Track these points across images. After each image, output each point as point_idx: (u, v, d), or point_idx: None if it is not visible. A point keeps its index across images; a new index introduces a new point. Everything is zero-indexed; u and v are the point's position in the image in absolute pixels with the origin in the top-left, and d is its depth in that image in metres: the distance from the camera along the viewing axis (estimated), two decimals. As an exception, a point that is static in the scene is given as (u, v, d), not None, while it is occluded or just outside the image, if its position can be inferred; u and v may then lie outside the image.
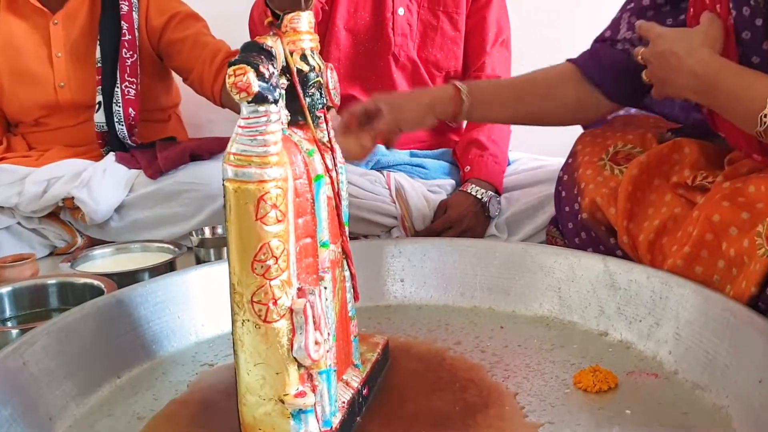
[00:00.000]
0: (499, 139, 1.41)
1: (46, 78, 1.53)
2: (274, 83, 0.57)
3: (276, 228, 0.59)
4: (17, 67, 1.54)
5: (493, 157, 1.38)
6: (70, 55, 1.54)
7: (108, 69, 1.51)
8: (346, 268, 0.72)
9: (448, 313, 0.98)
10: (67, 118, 1.56)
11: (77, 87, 1.54)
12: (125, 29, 1.52)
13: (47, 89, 1.53)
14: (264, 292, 0.59)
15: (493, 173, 1.36)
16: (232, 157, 0.58)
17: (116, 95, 1.51)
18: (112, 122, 1.51)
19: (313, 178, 0.64)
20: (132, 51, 1.53)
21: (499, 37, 1.46)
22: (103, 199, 1.34)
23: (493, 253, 1.02)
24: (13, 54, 1.54)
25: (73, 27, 1.55)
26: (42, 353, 0.76)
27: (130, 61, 1.52)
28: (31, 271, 1.21)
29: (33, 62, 1.53)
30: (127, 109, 1.52)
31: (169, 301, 0.91)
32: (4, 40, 1.53)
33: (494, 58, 1.46)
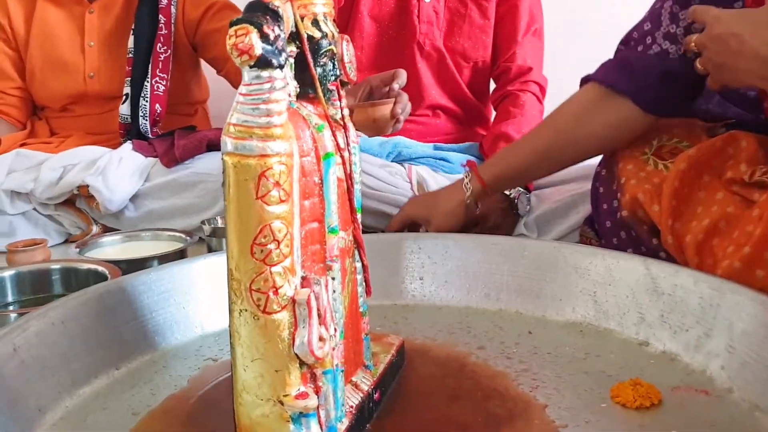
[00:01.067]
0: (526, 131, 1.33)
1: (76, 67, 1.53)
2: (280, 46, 0.51)
3: (278, 209, 0.53)
4: (50, 54, 1.54)
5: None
6: (102, 45, 1.53)
7: (140, 62, 1.50)
8: (357, 259, 0.66)
9: (471, 316, 0.91)
10: (93, 106, 1.56)
11: (106, 78, 1.53)
12: (162, 23, 1.50)
13: (77, 79, 1.53)
14: (264, 279, 0.53)
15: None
16: (232, 128, 0.52)
17: (145, 89, 1.49)
18: (137, 116, 1.50)
19: (321, 157, 0.58)
20: (166, 46, 1.51)
21: (531, 26, 1.40)
22: (117, 187, 1.31)
23: (521, 251, 0.95)
24: (47, 41, 1.54)
25: (108, 17, 1.54)
26: (35, 339, 0.71)
27: (164, 56, 1.51)
28: (43, 256, 1.17)
29: (65, 50, 1.54)
30: (154, 104, 1.50)
31: (175, 290, 0.86)
32: (40, 27, 1.54)
33: (525, 48, 1.40)
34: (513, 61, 1.40)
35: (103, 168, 1.35)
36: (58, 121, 1.59)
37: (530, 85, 1.40)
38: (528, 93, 1.39)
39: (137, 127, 1.50)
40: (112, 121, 1.53)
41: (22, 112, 1.58)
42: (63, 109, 1.57)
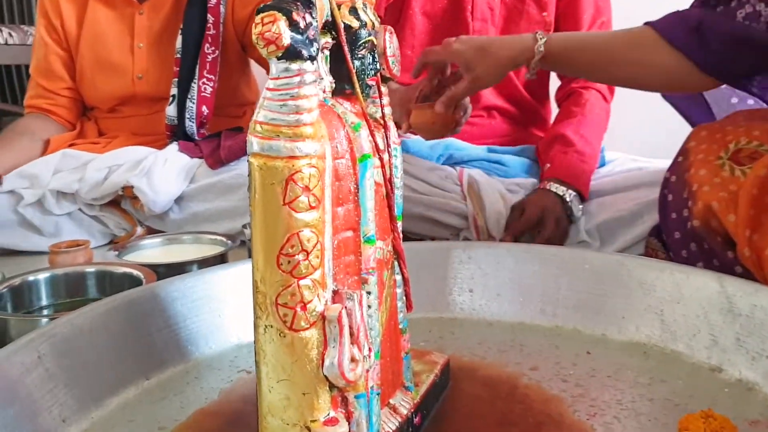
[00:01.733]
0: (589, 134, 1.25)
1: (125, 68, 1.52)
2: (311, 36, 0.46)
3: (308, 216, 0.48)
4: (99, 55, 1.54)
5: (578, 155, 1.22)
6: (151, 46, 1.52)
7: (187, 63, 1.48)
8: (397, 271, 0.60)
9: (524, 332, 0.85)
10: (141, 107, 1.55)
11: (155, 79, 1.52)
12: (210, 23, 1.48)
13: (125, 80, 1.52)
14: (291, 293, 0.49)
15: (576, 173, 1.20)
16: (258, 126, 0.48)
17: (192, 91, 1.47)
18: (183, 117, 1.48)
19: (358, 159, 0.52)
20: (214, 46, 1.49)
21: (597, 19, 1.30)
22: (162, 189, 1.29)
23: (581, 264, 0.88)
24: (97, 42, 1.53)
25: (157, 18, 1.53)
26: (62, 347, 0.68)
27: (211, 57, 1.48)
28: (84, 258, 1.16)
29: (115, 52, 1.53)
30: (201, 106, 1.48)
31: (212, 297, 0.82)
32: (91, 27, 1.54)
33: None
34: None
35: (148, 169, 1.33)
36: (106, 122, 1.59)
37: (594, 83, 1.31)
38: (592, 90, 1.30)
39: (183, 129, 1.48)
40: (159, 122, 1.52)
41: (71, 112, 1.58)
42: (111, 110, 1.57)
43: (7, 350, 0.63)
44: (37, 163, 1.37)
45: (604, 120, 1.29)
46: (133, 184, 1.29)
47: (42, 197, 1.31)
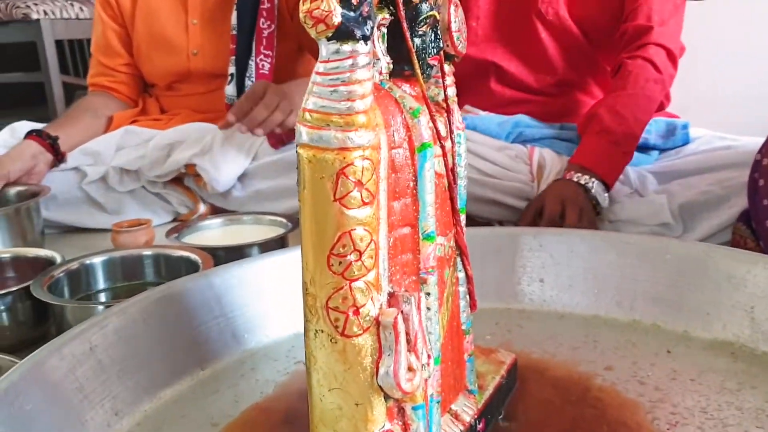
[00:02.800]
0: (627, 112, 1.10)
1: (180, 45, 1.50)
2: (365, 13, 0.41)
3: (361, 213, 0.44)
4: (154, 31, 1.52)
5: (610, 136, 1.08)
6: (205, 22, 1.49)
7: (243, 39, 1.44)
8: (460, 268, 0.55)
9: (599, 327, 0.79)
10: (198, 84, 1.53)
11: (210, 56, 1.49)
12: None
13: (180, 56, 1.50)
14: (342, 296, 0.45)
15: (603, 158, 1.08)
16: (307, 114, 0.43)
17: (249, 69, 1.43)
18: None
19: (416, 148, 0.48)
20: (270, 21, 1.44)
21: None
22: (224, 167, 1.27)
23: (662, 254, 0.81)
24: (150, 18, 1.52)
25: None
26: (114, 337, 0.67)
27: (267, 32, 1.44)
28: (146, 237, 1.16)
29: (169, 28, 1.51)
30: None
31: (268, 283, 0.79)
32: (145, 3, 1.52)
33: (652, 2, 1.15)
34: (633, 20, 1.15)
35: (210, 147, 1.32)
36: (165, 100, 1.59)
37: (647, 49, 1.14)
38: (639, 60, 1.14)
39: None
40: (218, 100, 1.50)
41: (131, 89, 1.58)
42: (169, 87, 1.56)
43: (59, 342, 0.62)
44: (99, 140, 1.37)
45: (653, 92, 1.13)
46: (196, 163, 1.28)
47: (105, 174, 1.32)
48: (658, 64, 1.14)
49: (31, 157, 1.26)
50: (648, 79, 1.14)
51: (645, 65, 1.14)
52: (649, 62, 1.14)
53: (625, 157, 1.10)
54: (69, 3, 2.58)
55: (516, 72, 1.25)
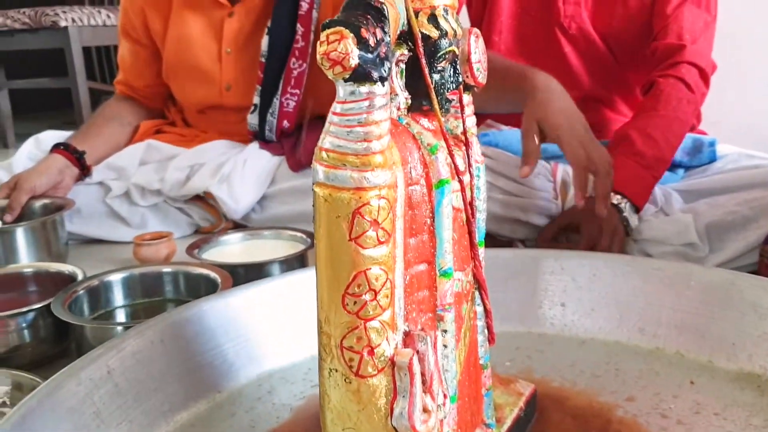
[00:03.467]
0: (657, 134, 1.08)
1: (213, 77, 1.45)
2: (383, 54, 0.41)
3: (376, 252, 0.43)
4: (186, 60, 1.47)
5: (640, 158, 1.07)
6: (239, 51, 1.43)
7: (272, 75, 1.39)
8: (478, 302, 0.55)
9: (620, 354, 0.77)
10: (229, 115, 1.49)
11: (243, 91, 1.44)
12: (300, 34, 1.37)
13: (213, 90, 1.46)
14: (357, 336, 0.44)
15: (633, 180, 1.06)
16: (324, 153, 0.43)
17: (273, 106, 1.40)
18: (264, 129, 1.42)
19: (434, 185, 0.47)
20: (302, 60, 1.39)
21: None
22: (242, 197, 1.28)
23: (686, 280, 0.79)
24: (183, 45, 1.46)
25: (248, 20, 1.43)
26: (131, 361, 0.67)
27: (297, 71, 1.39)
28: (168, 250, 1.16)
29: (203, 57, 1.45)
30: (282, 121, 1.41)
31: (288, 303, 0.79)
32: (176, 31, 1.46)
33: (681, 20, 1.13)
34: (664, 38, 1.13)
35: (228, 175, 1.31)
36: (194, 119, 1.57)
37: (680, 68, 1.13)
38: (671, 78, 1.12)
39: (264, 137, 1.44)
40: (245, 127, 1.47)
41: (156, 101, 1.57)
42: (200, 112, 1.54)
43: (77, 366, 0.62)
44: (123, 155, 1.38)
45: (686, 114, 1.11)
46: (213, 193, 1.28)
47: (128, 189, 1.33)
48: (691, 83, 1.13)
49: (58, 172, 1.27)
50: (681, 100, 1.12)
51: (677, 84, 1.12)
52: (682, 81, 1.12)
53: (654, 181, 1.08)
54: (96, 10, 2.62)
55: (539, 87, 1.23)
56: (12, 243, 1.11)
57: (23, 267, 0.94)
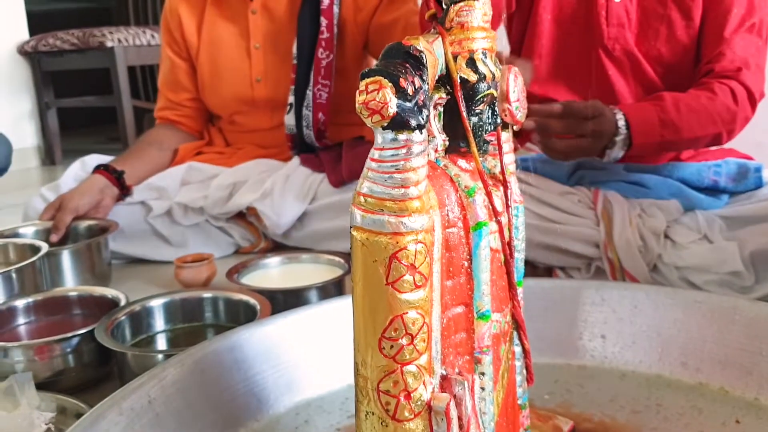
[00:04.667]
0: (686, 112, 1.10)
1: (243, 71, 1.51)
2: (421, 101, 0.41)
3: (413, 296, 0.43)
4: (217, 59, 1.53)
5: (659, 111, 1.09)
6: (267, 47, 1.49)
7: (302, 68, 1.44)
8: (516, 342, 0.54)
9: (662, 389, 0.76)
10: (261, 117, 1.54)
11: (273, 83, 1.49)
12: (324, 26, 1.43)
13: (244, 83, 1.51)
14: (394, 380, 0.44)
15: (643, 119, 1.08)
16: (362, 198, 0.43)
17: (307, 98, 1.44)
18: (301, 126, 1.45)
19: (471, 227, 0.47)
20: (329, 51, 1.44)
21: (746, 20, 1.11)
22: (284, 211, 1.30)
23: (731, 314, 0.77)
24: (213, 47, 1.53)
25: (271, 17, 1.49)
26: (172, 389, 0.68)
27: (326, 61, 1.44)
28: (208, 273, 1.18)
29: (232, 54, 1.51)
30: (317, 113, 1.45)
31: (327, 331, 0.79)
32: (208, 34, 1.53)
33: (737, 46, 1.12)
34: (718, 62, 1.13)
35: (270, 191, 1.33)
36: (230, 135, 1.60)
37: (732, 82, 1.12)
38: (724, 86, 1.12)
39: (303, 138, 1.46)
40: (280, 134, 1.50)
41: (196, 121, 1.61)
42: (232, 121, 1.58)
43: (119, 395, 0.63)
44: (164, 176, 1.41)
45: (720, 116, 1.10)
46: (257, 207, 1.30)
47: (170, 208, 1.35)
48: (739, 98, 1.12)
49: (99, 192, 1.31)
50: (723, 104, 1.11)
51: (727, 92, 1.11)
52: (731, 92, 1.11)
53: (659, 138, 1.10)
54: (141, 30, 2.68)
55: (580, 111, 1.22)
56: (58, 265, 1.14)
57: (68, 291, 0.97)
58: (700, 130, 1.11)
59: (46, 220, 1.27)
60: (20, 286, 1.01)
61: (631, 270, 1.06)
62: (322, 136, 1.47)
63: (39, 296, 0.95)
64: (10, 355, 0.81)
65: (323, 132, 1.47)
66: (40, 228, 1.27)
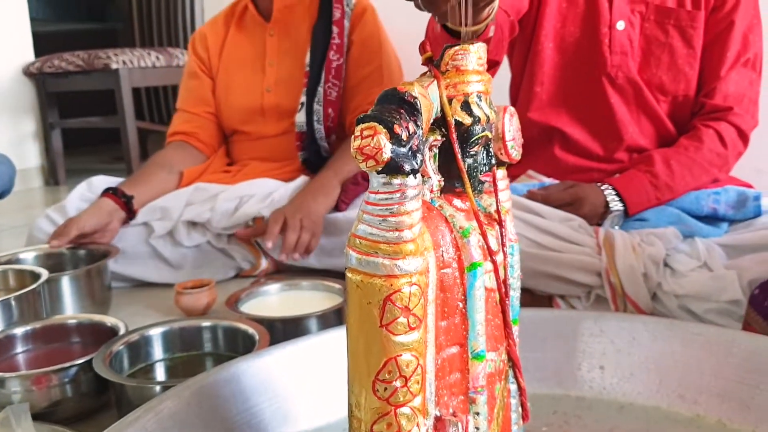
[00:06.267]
0: (678, 169, 1.16)
1: (255, 85, 1.58)
2: (415, 146, 0.41)
3: (407, 338, 0.44)
4: (233, 75, 1.60)
5: (652, 178, 1.14)
6: (281, 63, 1.57)
7: (315, 71, 1.52)
8: (512, 380, 0.54)
9: (660, 421, 0.76)
10: (269, 125, 1.58)
11: (283, 91, 1.55)
12: (335, 33, 1.52)
13: (255, 94, 1.57)
14: (387, 422, 0.44)
15: (636, 189, 1.14)
16: (357, 240, 0.44)
17: (318, 94, 1.50)
18: (312, 121, 1.51)
19: (466, 268, 0.47)
20: (339, 54, 1.52)
21: (742, 56, 1.16)
22: None
23: (729, 346, 0.77)
24: (232, 65, 1.61)
25: (287, 37, 1.57)
26: (169, 422, 0.67)
27: (336, 63, 1.52)
28: (209, 299, 1.18)
29: (246, 71, 1.59)
30: (327, 109, 1.51)
31: (325, 362, 0.79)
32: (228, 53, 1.61)
33: (730, 83, 1.17)
34: (711, 98, 1.18)
35: (278, 202, 1.35)
36: (236, 146, 1.63)
37: (720, 124, 1.17)
38: (711, 129, 1.17)
39: (312, 136, 1.50)
40: (287, 145, 1.54)
41: (211, 136, 1.63)
42: (240, 132, 1.61)
43: (115, 429, 0.63)
44: (169, 197, 1.42)
45: (712, 165, 1.16)
46: (264, 215, 1.32)
47: (173, 228, 1.35)
48: (727, 140, 1.17)
49: (107, 215, 1.31)
50: (711, 151, 1.16)
51: (714, 137, 1.16)
52: (718, 135, 1.16)
53: (656, 202, 1.15)
54: (147, 52, 2.70)
55: (581, 139, 1.23)
56: (58, 291, 1.14)
57: (67, 318, 0.96)
58: (694, 182, 1.17)
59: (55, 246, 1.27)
60: (20, 314, 1.01)
61: (633, 296, 1.06)
62: (330, 133, 1.52)
63: (37, 324, 0.95)
64: (7, 385, 0.81)
65: (332, 129, 1.52)
66: (40, 254, 1.27)
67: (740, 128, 1.17)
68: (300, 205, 1.30)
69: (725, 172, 1.19)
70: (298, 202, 1.32)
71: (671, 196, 1.16)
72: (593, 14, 1.19)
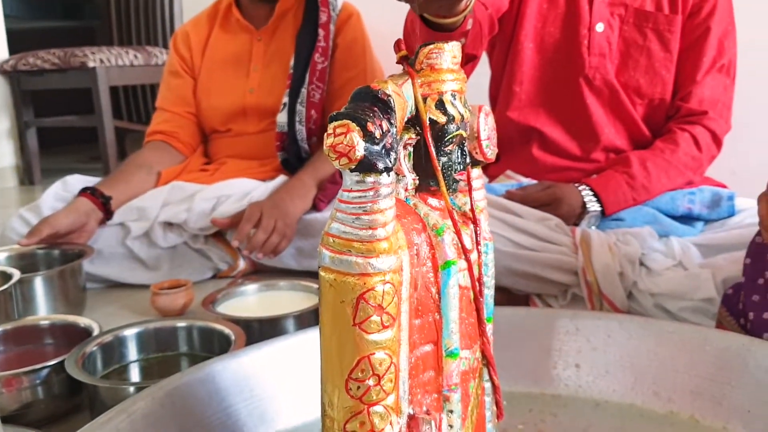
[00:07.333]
0: (655, 170, 1.18)
1: (239, 86, 1.57)
2: (388, 145, 0.41)
3: (380, 336, 0.43)
4: (215, 77, 1.59)
5: (629, 179, 1.17)
6: (265, 68, 1.57)
7: (299, 73, 1.51)
8: (486, 378, 0.54)
9: (635, 418, 0.76)
10: (249, 123, 1.58)
11: (265, 93, 1.55)
12: (321, 36, 1.52)
13: (237, 95, 1.57)
14: (360, 421, 0.44)
15: (613, 189, 1.16)
16: (330, 239, 0.43)
17: (302, 96, 1.50)
18: (293, 122, 1.50)
19: (440, 266, 0.47)
20: (324, 57, 1.53)
21: (717, 62, 1.19)
22: None
23: (702, 344, 0.78)
24: (215, 66, 1.60)
25: (274, 42, 1.57)
26: (141, 422, 0.67)
27: (321, 66, 1.52)
28: (185, 299, 1.17)
29: (231, 74, 1.58)
30: (310, 110, 1.51)
31: (301, 361, 0.78)
32: (211, 54, 1.61)
33: (705, 87, 1.20)
34: (687, 102, 1.20)
35: (257, 199, 1.35)
36: (216, 143, 1.62)
37: (695, 127, 1.19)
38: (686, 134, 1.19)
39: (293, 137, 1.49)
40: (267, 143, 1.54)
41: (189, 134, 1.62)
42: (219, 129, 1.61)
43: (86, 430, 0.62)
44: (146, 197, 1.40)
45: (687, 168, 1.19)
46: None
47: (150, 229, 1.34)
48: (701, 143, 1.19)
49: (84, 215, 1.29)
50: (687, 154, 1.19)
51: (689, 140, 1.18)
52: (693, 139, 1.18)
53: (632, 203, 1.17)
54: (124, 51, 2.67)
55: (559, 139, 1.24)
56: (31, 292, 1.12)
57: (40, 319, 0.95)
58: (670, 184, 1.20)
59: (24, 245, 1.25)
60: (-9, 314, 0.99)
61: (609, 295, 1.07)
62: (311, 135, 1.52)
63: (8, 326, 0.93)
64: (-23, 387, 0.80)
65: (313, 131, 1.52)
66: (13, 254, 1.25)
67: (714, 132, 1.20)
68: (278, 204, 1.30)
69: (699, 175, 1.22)
70: (277, 200, 1.31)
71: (647, 197, 1.18)
72: (573, 16, 1.20)
